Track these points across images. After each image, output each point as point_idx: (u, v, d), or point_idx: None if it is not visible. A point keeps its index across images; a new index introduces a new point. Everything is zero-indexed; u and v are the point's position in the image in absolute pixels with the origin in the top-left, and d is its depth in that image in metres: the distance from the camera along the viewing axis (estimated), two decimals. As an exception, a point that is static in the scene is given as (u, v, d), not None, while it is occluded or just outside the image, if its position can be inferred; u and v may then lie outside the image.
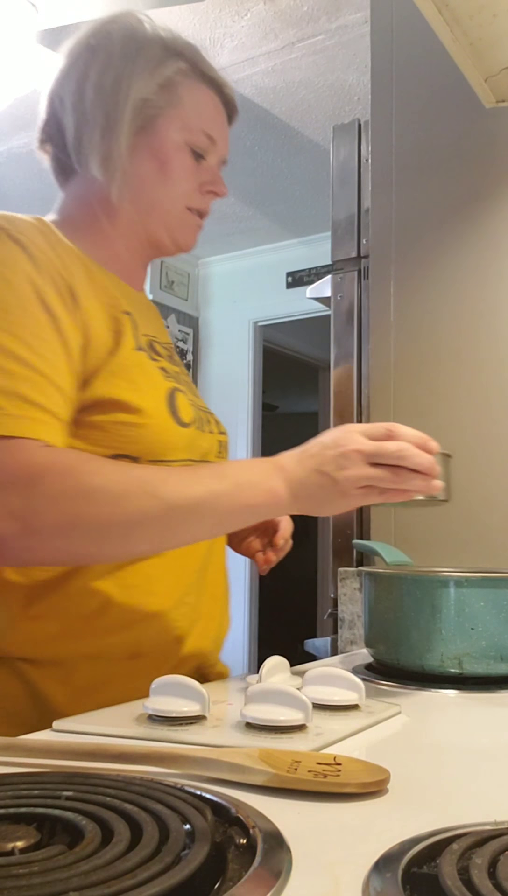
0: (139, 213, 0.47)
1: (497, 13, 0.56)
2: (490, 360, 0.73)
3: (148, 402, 0.42)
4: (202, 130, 0.47)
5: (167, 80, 0.46)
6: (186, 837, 0.20)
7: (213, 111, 0.48)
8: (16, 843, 0.20)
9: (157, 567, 0.44)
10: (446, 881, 0.18)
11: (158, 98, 0.45)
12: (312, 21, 1.38)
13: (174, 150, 0.46)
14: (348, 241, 0.87)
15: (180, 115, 0.46)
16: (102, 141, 0.45)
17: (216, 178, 0.49)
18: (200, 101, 0.47)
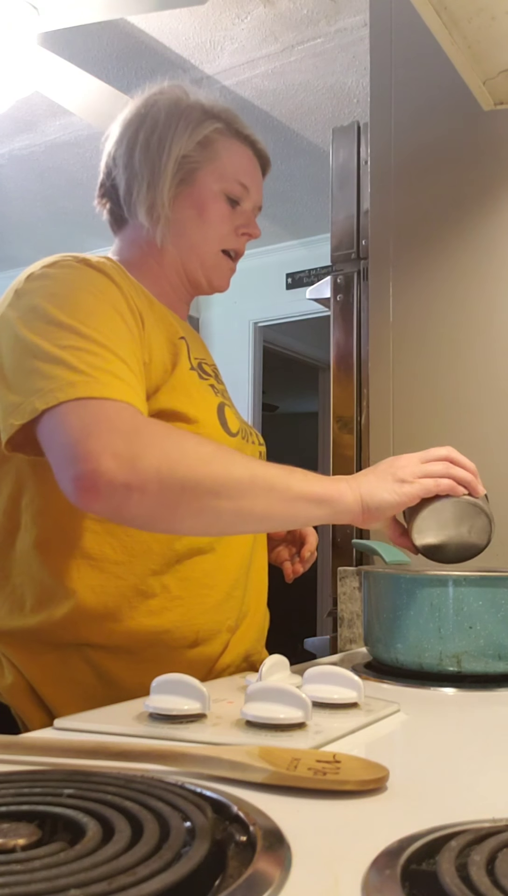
0: (180, 254, 0.54)
1: (495, 16, 0.56)
2: (490, 359, 0.74)
3: (202, 414, 0.48)
4: (237, 180, 0.54)
5: (205, 139, 0.53)
6: (186, 835, 0.20)
7: (247, 163, 0.55)
8: (17, 841, 0.20)
9: (210, 562, 0.49)
10: (444, 878, 0.18)
11: (197, 154, 0.53)
12: (311, 24, 1.39)
13: (211, 199, 0.53)
14: (347, 243, 0.87)
15: (217, 167, 0.53)
16: (148, 192, 0.53)
17: (250, 221, 0.56)
18: (234, 155, 0.54)
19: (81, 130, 1.79)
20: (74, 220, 2.23)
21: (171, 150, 0.52)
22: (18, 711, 0.47)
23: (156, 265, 0.54)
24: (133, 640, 0.47)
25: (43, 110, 1.70)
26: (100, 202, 0.56)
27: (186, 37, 1.44)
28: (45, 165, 1.98)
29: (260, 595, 0.55)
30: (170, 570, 0.48)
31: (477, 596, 0.46)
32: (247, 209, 0.56)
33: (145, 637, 0.47)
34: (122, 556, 0.46)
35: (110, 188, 0.55)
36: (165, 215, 0.52)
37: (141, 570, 0.47)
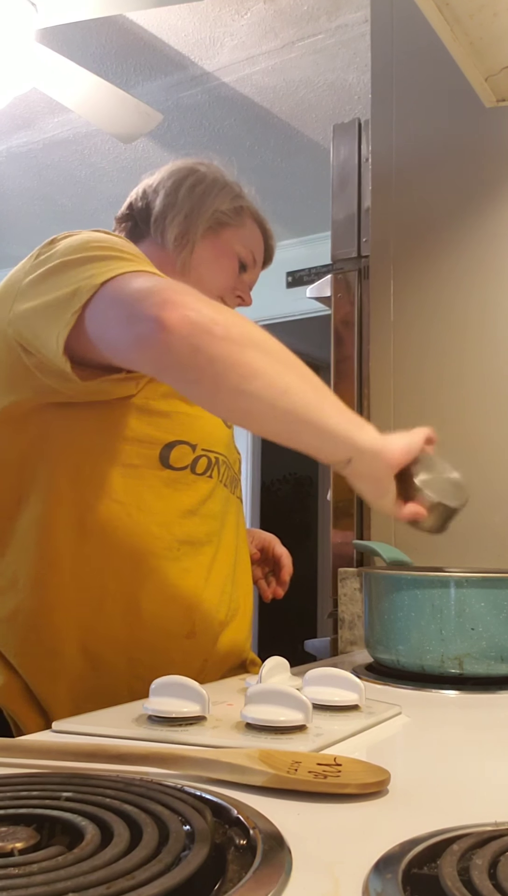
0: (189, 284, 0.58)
1: (497, 12, 0.56)
2: (491, 359, 0.73)
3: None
4: (251, 251, 0.62)
5: (239, 207, 0.61)
6: (185, 838, 0.20)
7: (259, 245, 0.63)
8: (15, 844, 0.20)
9: (206, 555, 0.51)
10: (446, 882, 0.18)
11: (230, 215, 0.61)
12: (312, 20, 1.38)
13: (228, 253, 0.60)
14: (348, 241, 0.86)
15: (241, 233, 0.61)
16: (183, 221, 0.59)
17: (246, 289, 0.63)
18: (253, 232, 0.63)
19: (80, 127, 1.79)
20: (73, 218, 2.23)
21: (213, 201, 0.59)
22: (11, 713, 0.47)
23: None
24: (131, 626, 0.47)
25: (41, 107, 1.70)
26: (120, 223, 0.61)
27: (185, 33, 1.44)
28: (43, 162, 1.97)
29: (247, 594, 0.57)
30: (170, 557, 0.48)
31: (479, 597, 0.46)
32: (247, 281, 0.62)
33: (143, 623, 0.47)
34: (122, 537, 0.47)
35: (142, 209, 0.60)
36: (191, 246, 0.58)
37: (141, 553, 0.48)
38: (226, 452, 0.54)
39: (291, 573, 0.66)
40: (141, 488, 0.48)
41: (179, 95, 1.64)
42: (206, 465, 0.51)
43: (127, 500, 0.47)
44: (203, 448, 0.51)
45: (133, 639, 0.47)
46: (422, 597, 0.47)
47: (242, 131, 1.74)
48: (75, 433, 0.47)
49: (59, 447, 0.47)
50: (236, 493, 0.58)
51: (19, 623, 0.46)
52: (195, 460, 0.50)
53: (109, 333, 0.41)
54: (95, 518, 0.47)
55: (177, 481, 0.49)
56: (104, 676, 0.46)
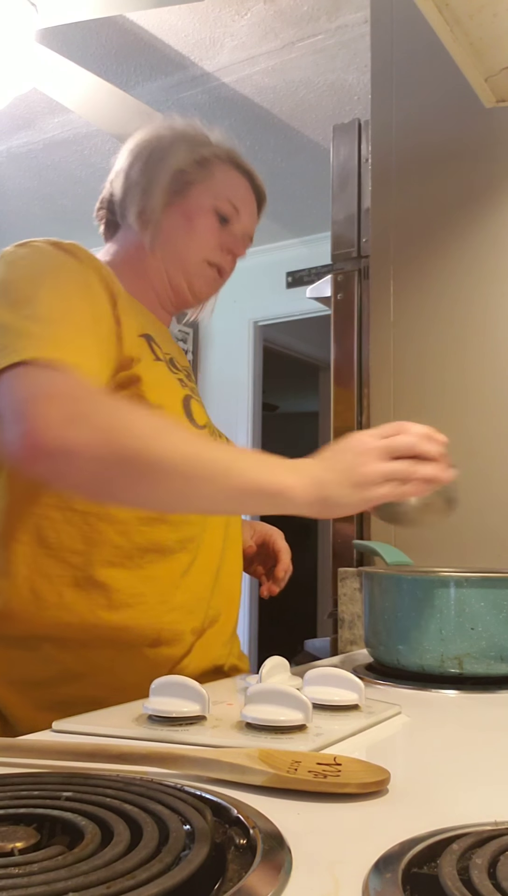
0: (165, 262, 0.56)
1: (497, 12, 0.56)
2: (491, 359, 0.73)
3: (166, 402, 0.48)
4: (228, 199, 0.56)
5: (203, 159, 0.55)
6: (186, 838, 0.20)
7: (242, 190, 0.57)
8: (15, 844, 0.20)
9: (178, 562, 0.49)
10: (446, 881, 0.18)
11: (193, 171, 0.55)
12: (312, 20, 1.38)
13: (201, 211, 0.55)
14: (348, 241, 0.87)
15: (211, 185, 0.55)
16: (141, 198, 0.55)
17: (236, 241, 0.57)
18: (230, 179, 0.56)
19: (80, 128, 1.78)
20: (73, 218, 2.23)
21: (168, 163, 0.54)
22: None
23: (140, 269, 0.56)
24: (90, 634, 0.45)
25: (41, 107, 1.70)
26: (98, 215, 0.59)
27: (185, 33, 1.44)
28: (43, 163, 1.97)
29: (231, 601, 0.54)
30: (131, 565, 0.47)
31: (479, 597, 0.46)
32: (236, 231, 0.57)
33: (103, 632, 0.45)
34: (80, 546, 0.46)
35: (109, 199, 0.57)
36: (155, 220, 0.54)
37: (99, 561, 0.46)
38: None
39: (287, 569, 0.61)
40: None
41: (180, 96, 1.64)
42: None
43: (86, 508, 0.46)
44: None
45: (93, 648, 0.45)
46: (422, 597, 0.47)
47: (242, 132, 1.74)
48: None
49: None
50: None
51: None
52: None
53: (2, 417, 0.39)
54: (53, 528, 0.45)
55: None
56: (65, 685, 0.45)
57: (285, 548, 0.62)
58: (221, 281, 0.58)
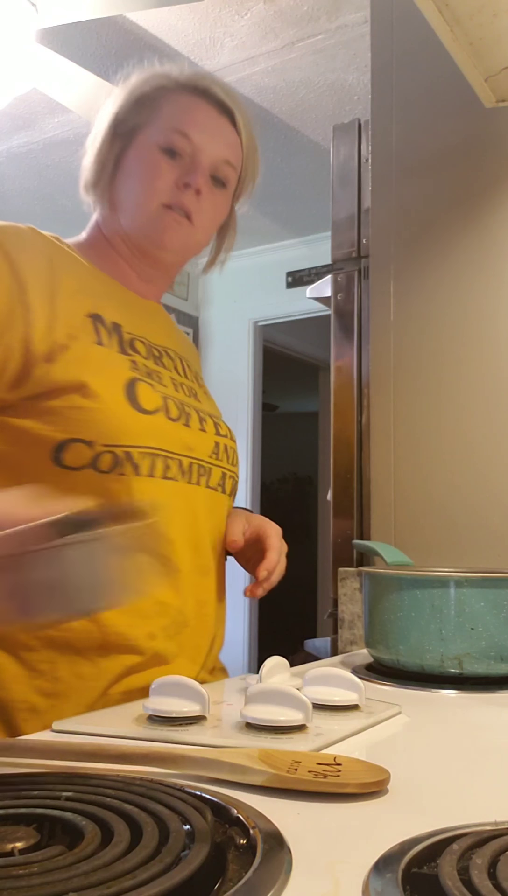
0: (124, 224, 0.51)
1: (497, 13, 0.56)
2: (491, 359, 0.73)
3: (103, 388, 0.44)
4: (175, 129, 0.48)
5: (142, 96, 0.49)
6: (186, 838, 0.20)
7: (193, 111, 0.49)
8: (15, 844, 0.20)
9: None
10: (446, 881, 0.18)
11: (134, 115, 0.49)
12: (312, 20, 1.38)
13: (145, 154, 0.49)
14: (348, 241, 0.86)
15: (155, 123, 0.49)
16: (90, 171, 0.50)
17: (194, 170, 0.49)
18: (176, 105, 0.49)
19: (80, 128, 1.78)
20: (73, 218, 2.21)
21: (109, 115, 0.49)
22: None
23: (105, 242, 0.51)
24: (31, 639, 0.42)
25: (41, 107, 1.70)
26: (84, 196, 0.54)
27: (185, 33, 1.44)
28: (43, 163, 1.97)
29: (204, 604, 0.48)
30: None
31: (479, 597, 0.46)
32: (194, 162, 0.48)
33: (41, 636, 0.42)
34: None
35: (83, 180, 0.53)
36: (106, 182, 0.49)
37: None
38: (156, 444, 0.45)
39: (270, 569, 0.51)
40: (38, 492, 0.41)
41: (180, 96, 1.63)
42: (112, 461, 0.43)
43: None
44: (104, 444, 0.43)
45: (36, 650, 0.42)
46: (422, 597, 0.47)
47: (242, 131, 1.74)
48: None
49: None
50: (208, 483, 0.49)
51: None
52: (95, 458, 0.43)
53: None
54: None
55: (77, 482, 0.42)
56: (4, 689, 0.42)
57: (276, 546, 0.53)
58: (189, 224, 0.50)
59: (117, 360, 0.46)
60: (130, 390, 0.45)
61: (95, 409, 0.43)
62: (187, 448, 0.48)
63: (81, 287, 0.47)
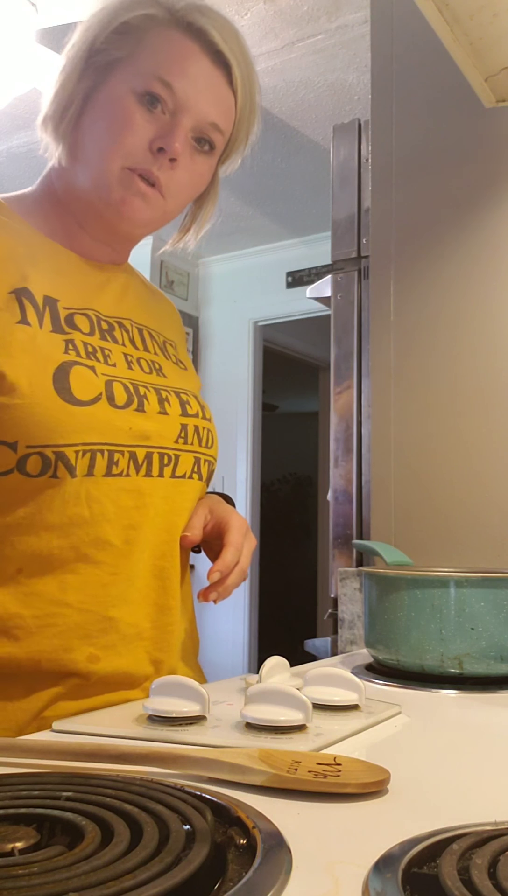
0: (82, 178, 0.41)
1: (497, 13, 0.56)
2: (491, 359, 0.73)
3: (25, 378, 0.37)
4: (157, 75, 0.38)
5: (125, 26, 0.39)
6: (186, 838, 0.20)
7: (181, 57, 0.39)
8: (15, 844, 0.20)
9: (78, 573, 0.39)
10: (446, 881, 0.18)
11: (112, 46, 0.39)
12: (312, 20, 1.38)
13: (118, 100, 0.39)
14: (348, 241, 0.87)
15: (135, 62, 0.39)
16: (52, 103, 0.40)
17: (168, 131, 0.39)
18: (161, 44, 0.39)
19: (81, 128, 1.77)
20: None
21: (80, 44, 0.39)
22: None
23: (54, 197, 0.43)
24: None
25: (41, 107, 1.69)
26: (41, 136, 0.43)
27: (185, 34, 1.43)
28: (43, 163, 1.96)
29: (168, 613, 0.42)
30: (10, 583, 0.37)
31: (479, 597, 0.46)
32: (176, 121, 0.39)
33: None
34: None
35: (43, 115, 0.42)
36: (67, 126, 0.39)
37: None
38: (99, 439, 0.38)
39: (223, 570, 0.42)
40: None
41: (180, 96, 1.63)
42: (40, 464, 0.37)
43: None
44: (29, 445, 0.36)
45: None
46: (422, 597, 0.47)
47: (242, 131, 1.74)
48: None
49: None
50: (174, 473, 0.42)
51: None
52: (23, 458, 0.36)
53: None
54: None
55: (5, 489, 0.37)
56: None
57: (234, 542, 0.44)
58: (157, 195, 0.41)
59: (47, 342, 0.38)
60: (59, 378, 0.37)
61: (15, 406, 0.36)
62: (142, 437, 0.40)
63: (7, 256, 0.39)
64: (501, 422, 0.72)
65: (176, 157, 0.40)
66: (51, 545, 0.38)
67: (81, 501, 0.39)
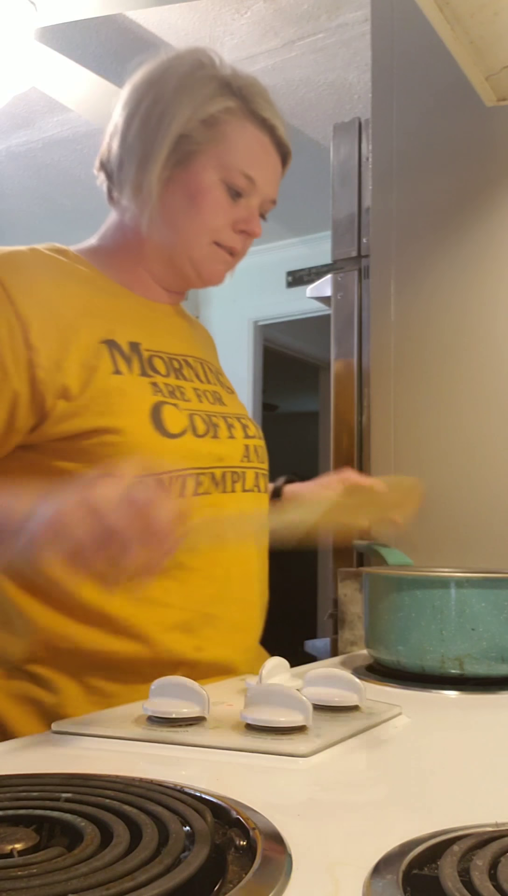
0: (166, 244, 0.50)
1: (497, 11, 0.56)
2: (491, 359, 0.73)
3: (127, 421, 0.44)
4: (241, 171, 0.48)
5: (212, 118, 0.47)
6: (185, 839, 0.20)
7: (258, 152, 0.49)
8: (15, 846, 0.20)
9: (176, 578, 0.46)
10: (447, 883, 0.18)
11: (198, 134, 0.47)
12: (312, 19, 1.38)
13: (208, 187, 0.48)
14: (348, 240, 0.86)
15: (220, 153, 0.47)
16: (137, 172, 0.47)
17: (252, 217, 0.50)
18: (243, 140, 0.48)
19: (79, 127, 1.78)
20: (72, 217, 2.22)
21: (170, 128, 0.46)
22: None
23: (137, 252, 0.50)
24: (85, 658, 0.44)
25: (40, 106, 1.69)
26: (98, 171, 0.51)
27: (185, 32, 1.44)
28: (42, 162, 1.97)
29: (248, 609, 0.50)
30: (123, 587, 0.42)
31: (480, 598, 0.46)
32: (252, 204, 0.49)
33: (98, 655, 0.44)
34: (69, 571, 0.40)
35: (107, 159, 0.50)
36: (153, 200, 0.47)
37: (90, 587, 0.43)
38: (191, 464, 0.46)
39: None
40: None
41: (179, 95, 1.63)
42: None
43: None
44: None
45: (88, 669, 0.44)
46: (422, 597, 0.47)
47: (242, 131, 1.73)
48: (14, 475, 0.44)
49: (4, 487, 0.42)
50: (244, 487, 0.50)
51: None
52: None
53: None
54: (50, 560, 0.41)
55: None
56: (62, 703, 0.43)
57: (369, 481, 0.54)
58: (234, 261, 0.51)
59: (138, 386, 0.46)
60: (155, 416, 0.45)
61: (123, 444, 0.44)
62: (218, 459, 0.49)
63: (90, 309, 0.46)
64: (501, 421, 0.72)
65: (256, 236, 0.51)
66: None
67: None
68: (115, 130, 0.49)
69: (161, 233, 0.49)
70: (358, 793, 0.28)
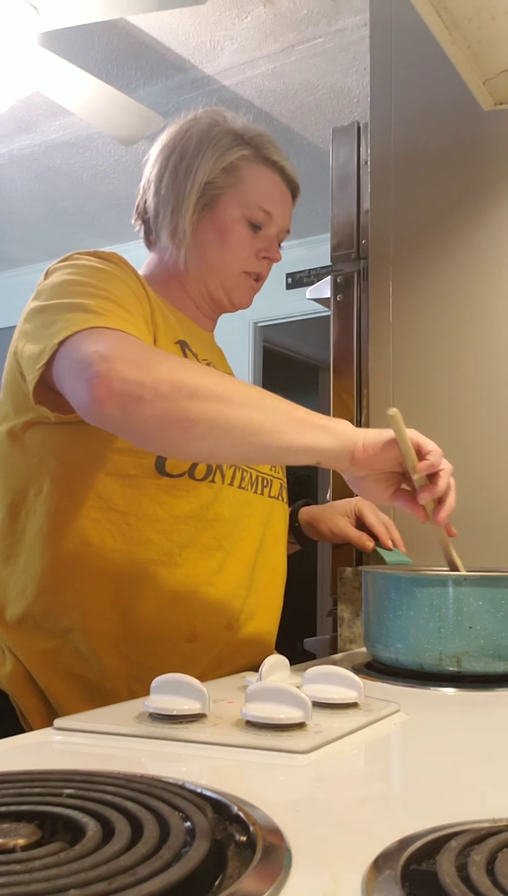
0: (202, 275, 0.58)
1: (495, 16, 0.56)
2: (490, 359, 0.74)
3: None
4: (259, 206, 0.56)
5: (230, 165, 0.56)
6: (186, 835, 0.20)
7: (272, 189, 0.58)
8: (17, 841, 0.20)
9: (216, 560, 0.51)
10: (444, 878, 0.18)
11: (221, 180, 0.56)
12: (311, 24, 1.39)
13: (232, 224, 0.56)
14: (347, 242, 0.87)
15: (240, 193, 0.56)
16: (172, 218, 0.56)
17: (272, 245, 0.58)
18: (259, 181, 0.57)
19: (81, 130, 1.79)
20: (74, 220, 2.23)
21: (196, 177, 0.55)
22: (17, 700, 0.48)
23: (179, 284, 0.58)
24: (130, 630, 0.48)
25: (43, 110, 1.71)
26: (135, 220, 0.60)
27: (186, 36, 1.45)
28: (44, 165, 1.98)
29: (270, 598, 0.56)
30: (170, 563, 0.49)
31: (477, 596, 0.46)
32: (270, 234, 0.58)
33: (142, 627, 0.48)
34: (121, 545, 0.48)
35: (143, 210, 0.59)
36: (187, 240, 0.56)
37: (140, 560, 0.48)
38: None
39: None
40: (139, 497, 0.48)
41: (180, 98, 1.64)
42: (205, 470, 0.50)
43: (126, 509, 0.48)
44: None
45: (132, 642, 0.48)
46: (421, 595, 0.47)
47: (242, 133, 1.74)
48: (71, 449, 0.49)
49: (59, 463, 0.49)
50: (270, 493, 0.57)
51: (28, 627, 0.49)
52: (193, 466, 0.50)
53: (67, 391, 0.44)
54: (96, 528, 0.48)
55: (176, 487, 0.49)
56: (105, 678, 0.48)
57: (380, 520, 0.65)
58: (258, 286, 0.60)
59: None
60: None
61: None
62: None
63: (165, 315, 0.53)
64: (500, 422, 0.72)
65: (277, 261, 0.60)
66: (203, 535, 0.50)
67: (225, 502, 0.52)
68: (147, 185, 0.58)
69: (197, 266, 0.57)
70: (357, 789, 0.28)
